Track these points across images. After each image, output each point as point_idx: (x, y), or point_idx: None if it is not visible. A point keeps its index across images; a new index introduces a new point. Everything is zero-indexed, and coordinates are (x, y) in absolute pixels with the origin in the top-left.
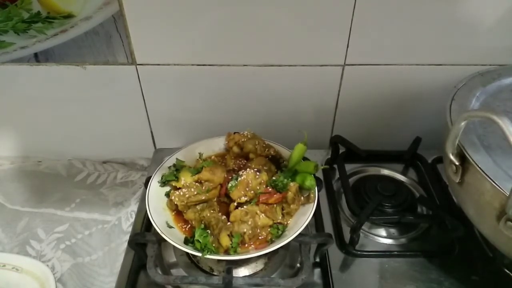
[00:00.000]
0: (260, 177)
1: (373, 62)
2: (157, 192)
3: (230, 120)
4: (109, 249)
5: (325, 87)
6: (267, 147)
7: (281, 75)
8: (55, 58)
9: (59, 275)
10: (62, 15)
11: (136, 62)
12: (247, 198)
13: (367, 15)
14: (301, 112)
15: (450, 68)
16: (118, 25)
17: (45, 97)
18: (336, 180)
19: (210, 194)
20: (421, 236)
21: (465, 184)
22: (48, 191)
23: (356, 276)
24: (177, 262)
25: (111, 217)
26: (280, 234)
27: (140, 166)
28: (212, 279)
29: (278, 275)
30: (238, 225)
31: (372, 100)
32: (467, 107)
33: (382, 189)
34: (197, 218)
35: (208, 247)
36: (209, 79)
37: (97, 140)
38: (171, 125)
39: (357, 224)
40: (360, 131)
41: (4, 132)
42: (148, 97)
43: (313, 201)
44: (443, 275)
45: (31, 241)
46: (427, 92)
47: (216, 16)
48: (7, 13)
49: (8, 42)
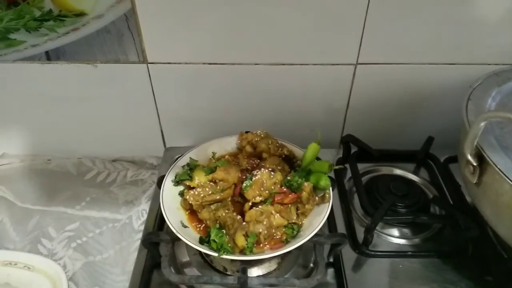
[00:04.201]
0: (274, 176)
1: (386, 61)
2: (170, 191)
3: (239, 119)
4: (120, 248)
5: (336, 86)
6: (280, 146)
7: (292, 73)
8: (66, 57)
9: (70, 273)
10: (74, 13)
11: (147, 61)
12: (262, 198)
13: (381, 13)
14: (311, 111)
15: (463, 68)
16: (130, 23)
17: (55, 95)
18: (347, 180)
19: (225, 194)
20: (434, 236)
21: (483, 185)
22: (58, 189)
23: (369, 276)
24: (190, 261)
25: (121, 215)
26: (295, 234)
27: (149, 165)
28: (227, 279)
29: (292, 275)
30: (253, 225)
31: (384, 99)
32: (483, 107)
33: (395, 189)
34: (211, 217)
35: (224, 247)
36: (219, 78)
37: (106, 139)
38: (180, 123)
39: (371, 224)
40: (371, 130)
41: (14, 130)
42: (159, 95)
43: (328, 201)
44: (457, 275)
45: (42, 239)
46: (439, 92)
47: (228, 14)
48: (19, 11)
49: (19, 40)
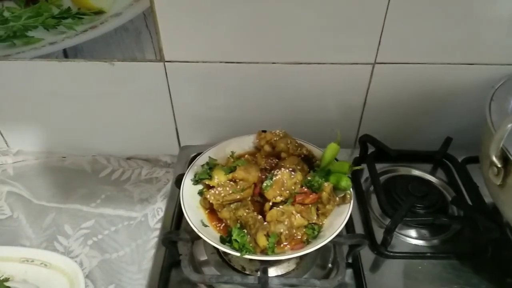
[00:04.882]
0: (295, 176)
1: (404, 60)
2: (190, 190)
3: (255, 118)
4: (136, 246)
5: (353, 86)
6: (299, 146)
7: (309, 72)
8: (83, 54)
9: (87, 271)
10: (92, 11)
11: (164, 59)
12: (282, 198)
13: (401, 12)
14: (327, 110)
15: (482, 68)
16: (148, 21)
17: (71, 93)
18: (364, 180)
19: (245, 193)
20: (452, 237)
21: (507, 187)
22: (73, 186)
23: (388, 277)
24: (208, 260)
25: (136, 213)
26: (316, 234)
27: (163, 163)
28: (247, 279)
29: (310, 275)
30: (274, 225)
31: (401, 99)
32: (506, 108)
33: (413, 189)
34: (232, 217)
35: (246, 247)
36: (236, 77)
37: (121, 137)
38: (196, 122)
39: (392, 225)
40: (386, 130)
41: (29, 127)
42: (175, 94)
43: (349, 201)
44: (478, 277)
45: (59, 236)
46: (457, 92)
47: (245, 13)
48: (37, 9)
49: (37, 38)
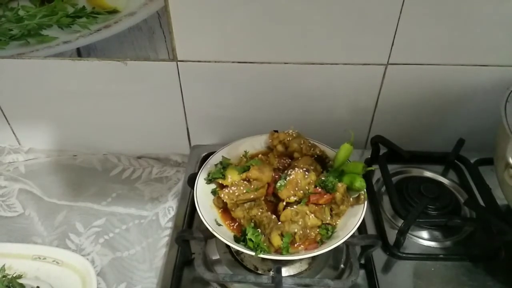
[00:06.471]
0: (309, 177)
1: (417, 61)
2: (203, 189)
3: (266, 118)
4: (147, 244)
5: (365, 86)
6: (312, 146)
7: (321, 73)
8: (97, 53)
9: (99, 269)
10: (106, 11)
11: (177, 59)
12: (296, 198)
13: (415, 13)
14: (339, 110)
15: (495, 69)
16: (161, 21)
17: (84, 92)
18: (376, 181)
19: (258, 193)
20: (465, 239)
21: None
22: (84, 185)
23: (401, 278)
24: (220, 259)
25: (147, 212)
26: (330, 235)
27: (174, 162)
28: (261, 278)
29: (322, 275)
30: (288, 225)
31: (413, 100)
32: None
33: (426, 191)
34: (246, 216)
35: (261, 246)
36: (248, 77)
37: (132, 135)
38: (207, 121)
39: (405, 226)
40: (398, 131)
41: (40, 125)
42: (187, 93)
43: (363, 202)
44: (491, 279)
45: (70, 234)
46: (470, 93)
47: (258, 13)
48: (52, 8)
49: (51, 37)
